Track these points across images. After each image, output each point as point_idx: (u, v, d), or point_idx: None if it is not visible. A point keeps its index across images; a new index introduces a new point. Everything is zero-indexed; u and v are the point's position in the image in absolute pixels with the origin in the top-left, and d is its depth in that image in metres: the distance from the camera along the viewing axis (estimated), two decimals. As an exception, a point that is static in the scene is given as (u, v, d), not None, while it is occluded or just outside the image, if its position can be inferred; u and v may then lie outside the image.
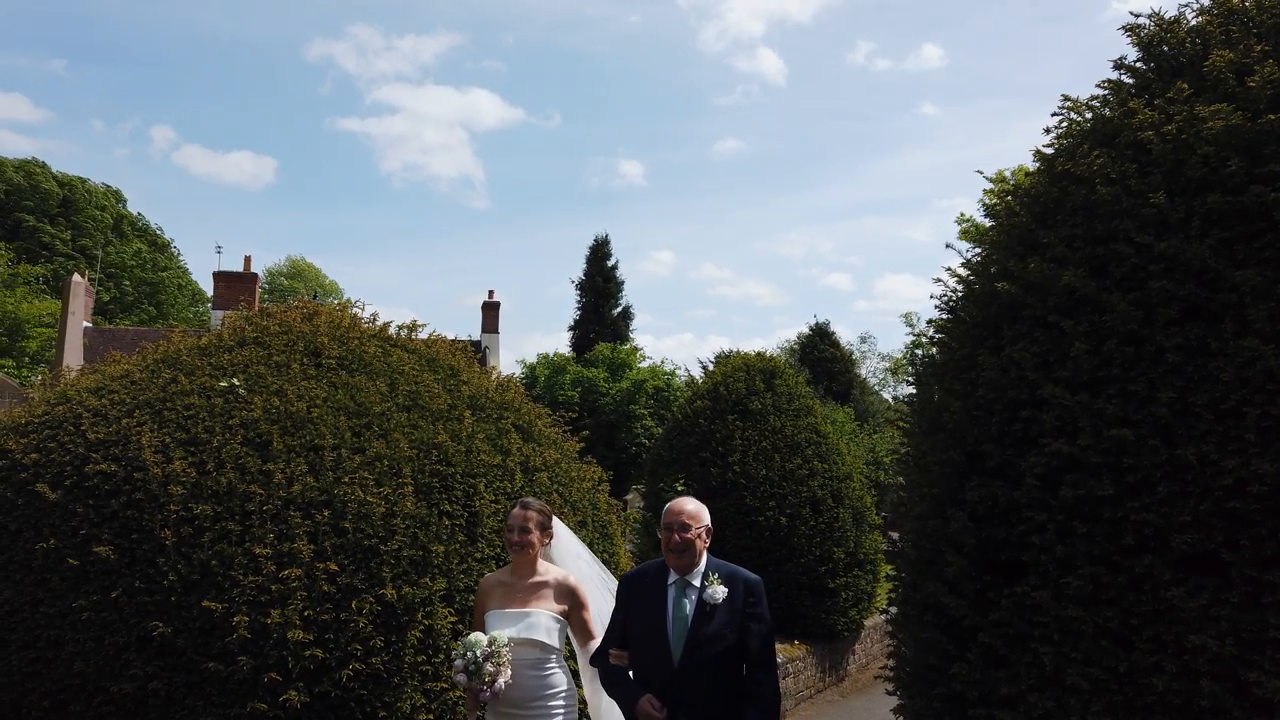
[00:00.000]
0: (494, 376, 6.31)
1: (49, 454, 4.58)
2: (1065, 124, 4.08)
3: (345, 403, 4.95)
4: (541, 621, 4.12)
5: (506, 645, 3.96)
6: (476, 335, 38.29)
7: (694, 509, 3.85)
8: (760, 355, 13.53)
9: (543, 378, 36.51)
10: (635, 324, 43.72)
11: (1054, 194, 3.78)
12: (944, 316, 4.21)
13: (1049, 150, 4.04)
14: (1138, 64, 3.94)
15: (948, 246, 4.03)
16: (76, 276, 19.35)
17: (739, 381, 12.83)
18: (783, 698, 11.12)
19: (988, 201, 4.13)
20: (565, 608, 4.23)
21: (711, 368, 14.63)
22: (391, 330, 6.03)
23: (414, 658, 4.55)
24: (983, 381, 3.56)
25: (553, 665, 4.20)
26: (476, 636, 3.95)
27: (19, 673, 4.31)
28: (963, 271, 4.14)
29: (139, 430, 4.55)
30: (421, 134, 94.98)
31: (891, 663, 4.18)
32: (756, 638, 3.71)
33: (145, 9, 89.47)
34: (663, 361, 37.30)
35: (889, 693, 4.05)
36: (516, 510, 4.24)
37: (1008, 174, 16.15)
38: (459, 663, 3.93)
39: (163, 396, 4.78)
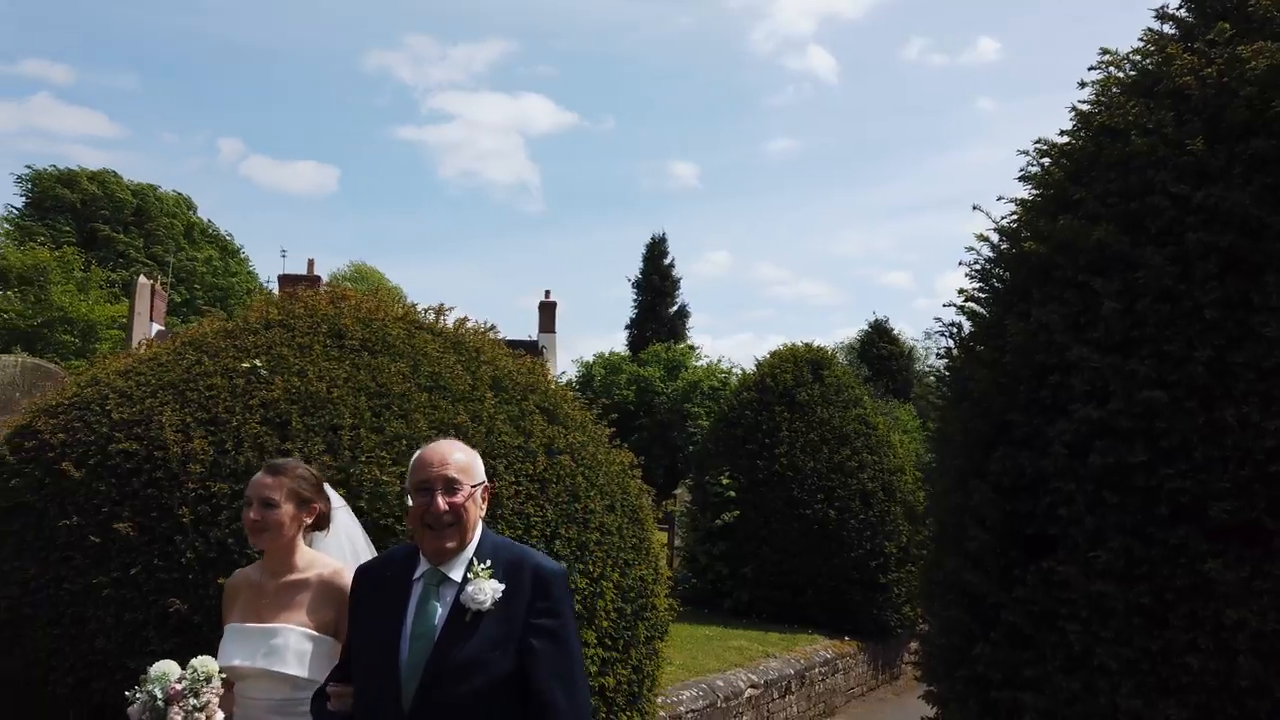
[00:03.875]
0: (551, 378, 6.27)
1: (75, 434, 4.64)
2: (1104, 78, 3.86)
3: (366, 383, 4.93)
4: (290, 643, 2.82)
5: (212, 681, 2.72)
6: (534, 335, 38.55)
7: (463, 458, 2.47)
8: (808, 346, 13.29)
9: (599, 377, 36.58)
10: (692, 323, 43.51)
11: (1089, 149, 3.57)
12: (975, 284, 4.01)
13: (1085, 106, 3.81)
14: (1179, 10, 3.70)
15: (975, 209, 3.82)
16: (142, 279, 19.97)
17: (786, 373, 12.62)
18: (835, 694, 11.03)
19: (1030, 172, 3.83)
20: (331, 617, 2.89)
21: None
22: (429, 315, 6.02)
23: (432, 639, 4.50)
24: (1010, 347, 3.36)
25: (306, 708, 2.81)
26: (162, 667, 2.72)
27: (44, 649, 4.36)
28: (994, 236, 3.94)
29: (161, 410, 4.59)
30: (476, 140, 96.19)
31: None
32: (546, 665, 2.32)
33: (213, 25, 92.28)
34: (719, 360, 37.08)
35: (916, 678, 3.85)
36: (259, 475, 2.97)
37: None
38: (133, 708, 2.70)
39: (186, 378, 4.82)
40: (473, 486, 2.44)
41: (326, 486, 3.19)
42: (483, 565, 2.37)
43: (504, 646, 2.31)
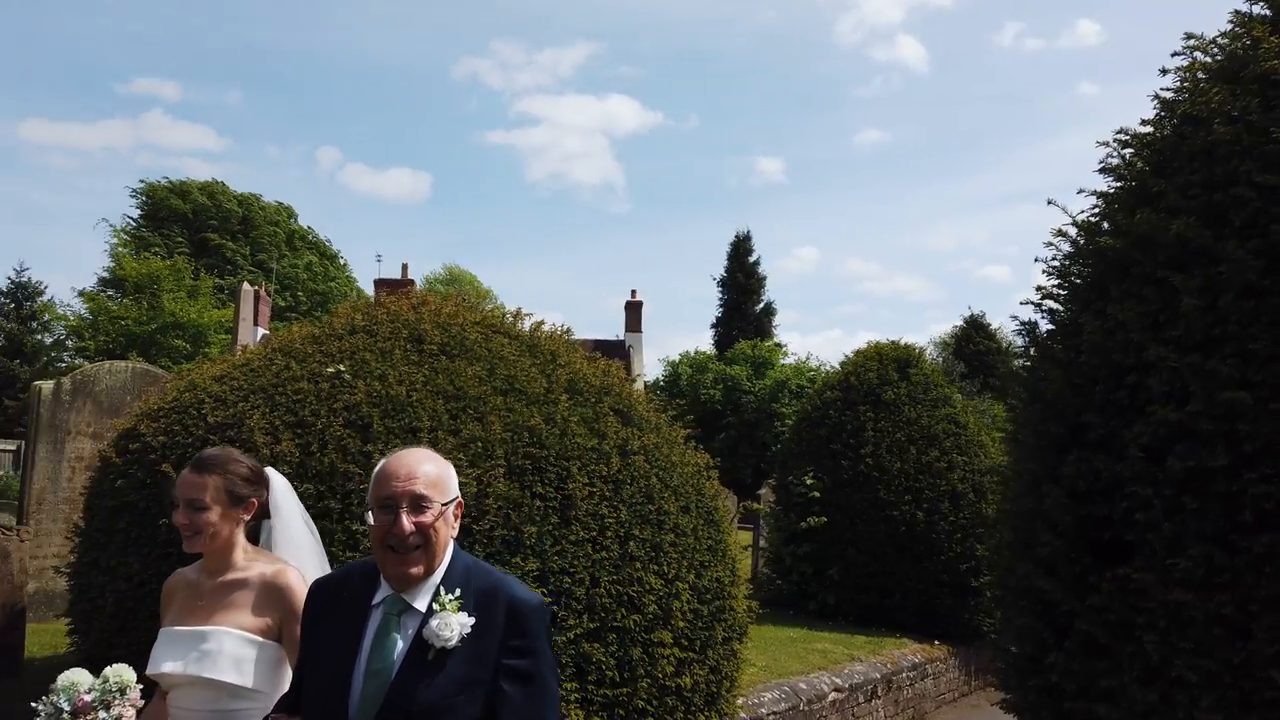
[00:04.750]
0: (638, 385, 6.34)
1: (174, 436, 4.91)
2: (1188, 64, 3.68)
3: (444, 386, 5.07)
4: (224, 647, 2.57)
5: (126, 692, 2.52)
6: (621, 335, 38.82)
7: (433, 471, 2.17)
8: (894, 344, 13.03)
9: (685, 376, 36.61)
10: (779, 321, 43.23)
11: (1171, 139, 3.42)
12: (1053, 281, 3.88)
13: (1168, 94, 3.65)
14: (1271, -10, 3.51)
15: (1050, 203, 3.69)
16: (246, 285, 20.91)
17: (870, 371, 12.41)
18: (924, 699, 10.80)
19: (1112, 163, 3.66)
20: (270, 620, 2.65)
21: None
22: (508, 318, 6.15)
23: (507, 636, 4.60)
24: (1086, 346, 3.25)
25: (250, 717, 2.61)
26: (71, 676, 2.50)
27: (148, 640, 4.62)
28: (1072, 231, 3.81)
29: (251, 413, 4.81)
30: (563, 142, 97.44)
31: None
32: (516, 712, 2.04)
33: (311, 39, 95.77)
34: (807, 358, 36.66)
35: (994, 687, 3.76)
36: (185, 473, 2.72)
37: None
38: (42, 713, 2.49)
39: (275, 382, 5.04)
40: (444, 504, 2.14)
41: (270, 471, 2.95)
42: (450, 595, 2.07)
43: (471, 690, 2.00)
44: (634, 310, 38.71)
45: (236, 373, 5.26)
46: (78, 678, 2.50)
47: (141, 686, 2.58)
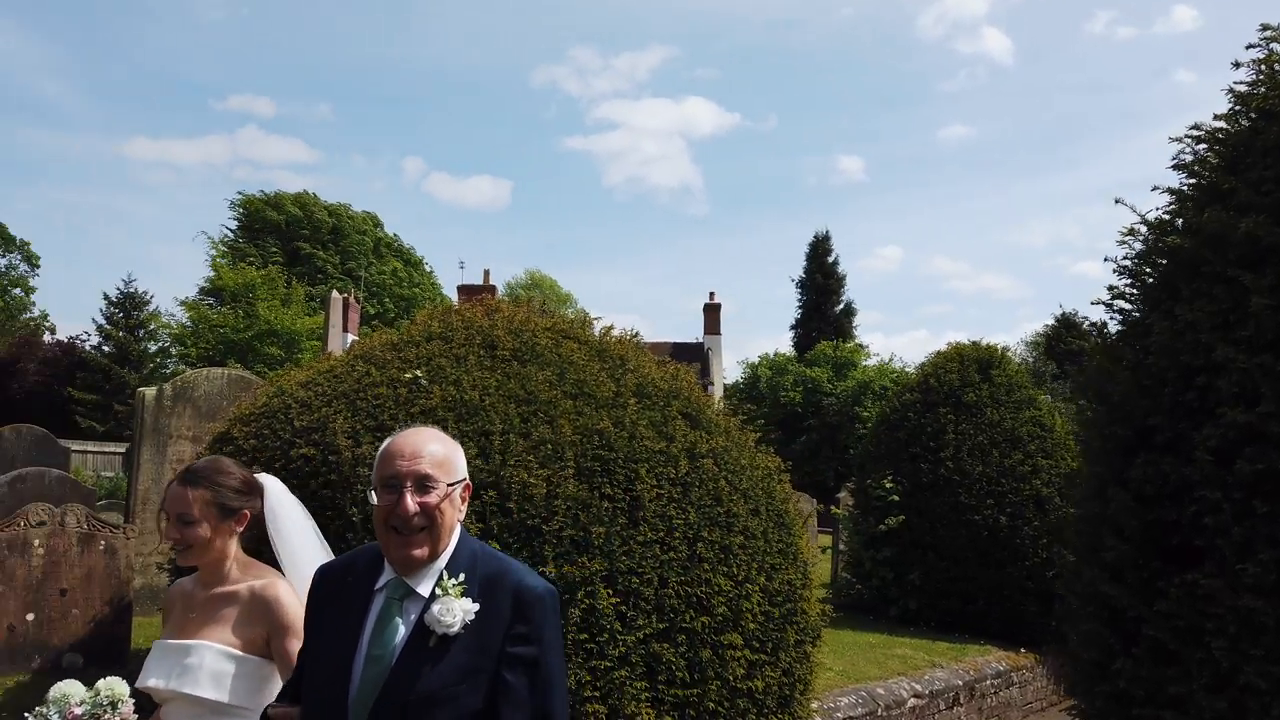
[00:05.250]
0: (716, 399, 6.43)
1: (264, 440, 5.17)
2: (1264, 56, 3.57)
3: (515, 391, 5.21)
4: (205, 662, 2.51)
5: (118, 705, 2.51)
6: (699, 337, 38.83)
7: (439, 451, 2.11)
8: (975, 344, 12.78)
9: (765, 378, 36.42)
10: (861, 322, 42.79)
11: (1244, 135, 3.32)
12: (1124, 281, 3.80)
13: (1243, 87, 3.54)
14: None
15: (1118, 202, 3.61)
16: (335, 293, 21.67)
17: (951, 373, 12.19)
18: (1009, 708, 10.55)
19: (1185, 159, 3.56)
20: (260, 634, 2.61)
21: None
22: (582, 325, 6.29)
23: (577, 635, 4.70)
24: (1154, 347, 3.19)
25: None
26: (63, 688, 2.49)
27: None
28: (1142, 229, 3.72)
29: (335, 418, 5.04)
30: (641, 146, 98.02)
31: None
32: (520, 702, 1.97)
33: (396, 53, 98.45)
34: (890, 359, 36.09)
35: (1063, 693, 3.70)
36: (174, 486, 2.67)
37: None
38: None
39: (356, 388, 5.26)
40: (449, 485, 2.07)
41: (265, 477, 2.89)
42: (454, 580, 2.00)
43: (474, 678, 1.93)
44: (712, 312, 38.69)
45: (321, 379, 5.51)
46: (70, 690, 2.48)
47: (134, 700, 2.53)
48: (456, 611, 1.96)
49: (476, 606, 1.97)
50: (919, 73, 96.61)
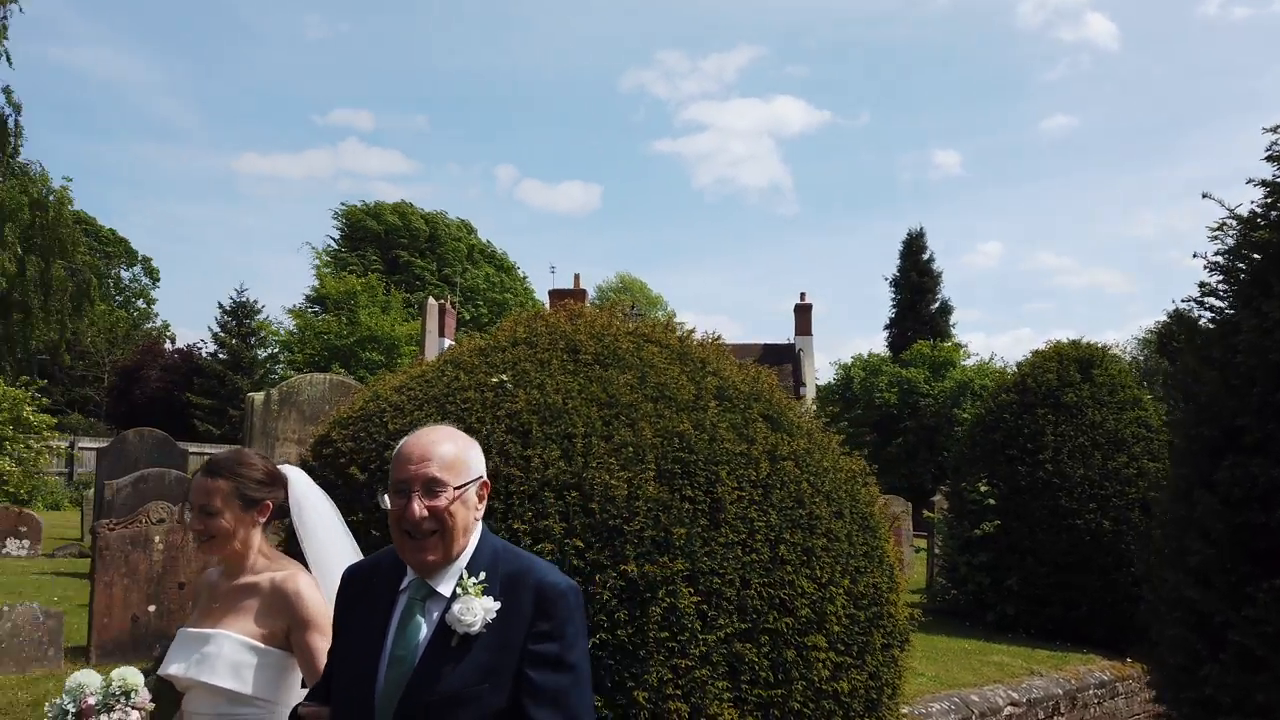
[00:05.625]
0: (808, 401, 6.44)
1: (360, 442, 5.41)
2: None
3: (597, 394, 5.34)
4: (223, 651, 2.53)
5: (131, 695, 2.50)
6: (791, 338, 38.51)
7: (450, 452, 2.09)
8: (1075, 343, 12.37)
9: (858, 379, 35.88)
10: (959, 320, 41.76)
11: (1347, 121, 3.18)
12: (1215, 278, 3.67)
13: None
14: None
15: (1205, 196, 3.48)
16: (431, 299, 22.36)
17: (1049, 372, 11.83)
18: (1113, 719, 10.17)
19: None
20: (280, 627, 2.61)
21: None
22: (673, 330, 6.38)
23: (658, 633, 4.79)
24: (1242, 346, 3.09)
25: None
26: (79, 678, 2.52)
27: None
28: (1233, 223, 3.59)
29: (425, 421, 5.24)
30: (730, 147, 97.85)
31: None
32: (546, 701, 1.94)
33: (488, 64, 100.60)
34: (990, 358, 35.11)
35: (1150, 700, 3.61)
36: (197, 477, 2.71)
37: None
38: (48, 715, 2.53)
39: (446, 392, 5.46)
40: (458, 487, 2.04)
41: (289, 470, 2.88)
42: (474, 579, 1.99)
43: (496, 677, 1.91)
44: (803, 313, 38.31)
45: (413, 384, 5.74)
46: (85, 680, 2.52)
47: (149, 691, 2.55)
48: (477, 611, 1.95)
49: (498, 605, 1.96)
50: (1018, 62, 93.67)
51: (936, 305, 40.15)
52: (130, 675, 2.52)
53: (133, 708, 2.48)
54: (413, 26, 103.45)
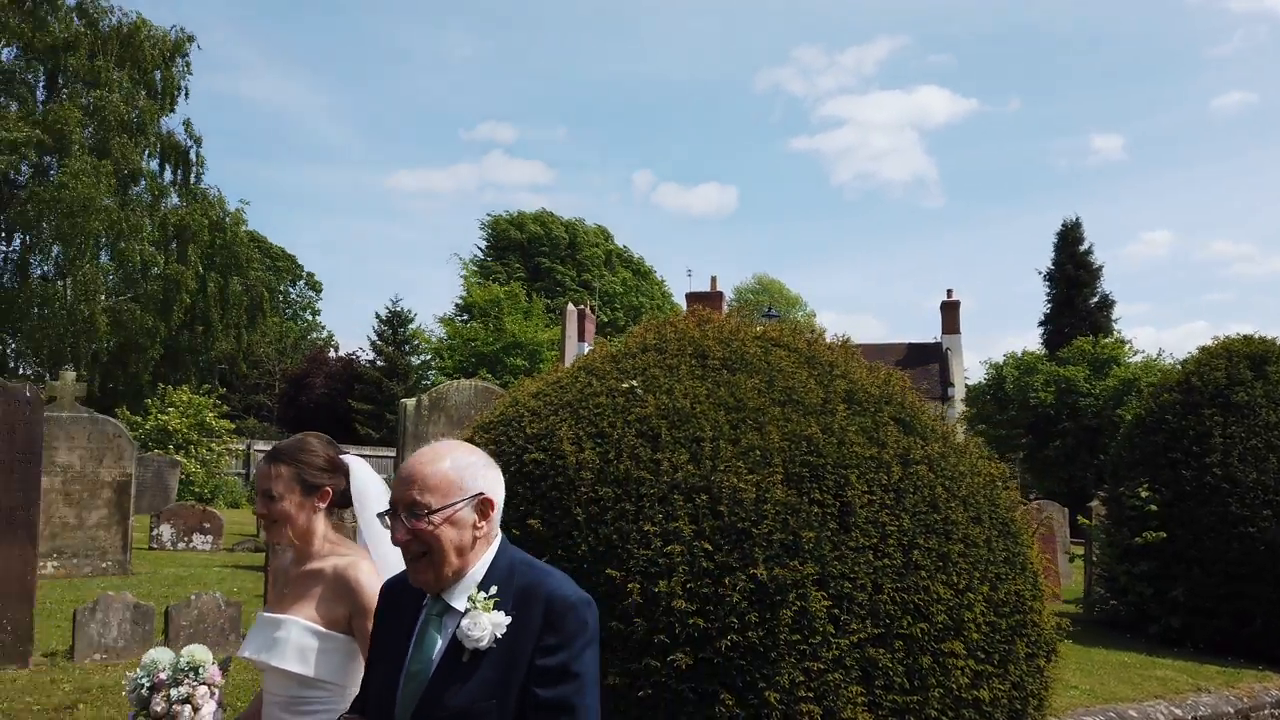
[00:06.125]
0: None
1: (501, 445, 5.69)
2: None
3: (725, 399, 5.42)
4: (291, 636, 2.58)
5: (199, 671, 2.57)
6: (938, 337, 37.31)
7: (435, 474, 2.03)
8: (1247, 338, 11.51)
9: (1011, 379, 34.37)
10: (1123, 315, 39.44)
11: None
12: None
13: None
14: None
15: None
16: (570, 305, 23.00)
17: (1217, 370, 11.05)
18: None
19: None
20: (342, 613, 2.64)
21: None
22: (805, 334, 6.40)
23: (789, 636, 4.82)
24: None
25: (320, 709, 2.57)
26: (154, 654, 2.62)
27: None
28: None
29: (560, 425, 5.47)
30: (870, 141, 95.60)
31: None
32: (544, 715, 1.91)
33: (624, 71, 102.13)
34: (1158, 354, 32.95)
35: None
36: (260, 464, 2.79)
37: None
38: (126, 689, 2.62)
39: (579, 397, 5.67)
40: (445, 507, 1.98)
41: (351, 459, 2.89)
42: (485, 595, 1.97)
43: (503, 693, 1.89)
44: (951, 310, 37.05)
45: (549, 389, 5.99)
46: (159, 656, 2.60)
47: (217, 666, 2.64)
48: (485, 626, 1.92)
49: (508, 620, 1.93)
50: (1185, 38, 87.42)
51: (1096, 299, 37.99)
52: (199, 652, 2.61)
53: (201, 683, 2.54)
54: (552, 41, 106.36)
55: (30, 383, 8.11)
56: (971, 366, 38.11)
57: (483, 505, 2.05)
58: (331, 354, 42.52)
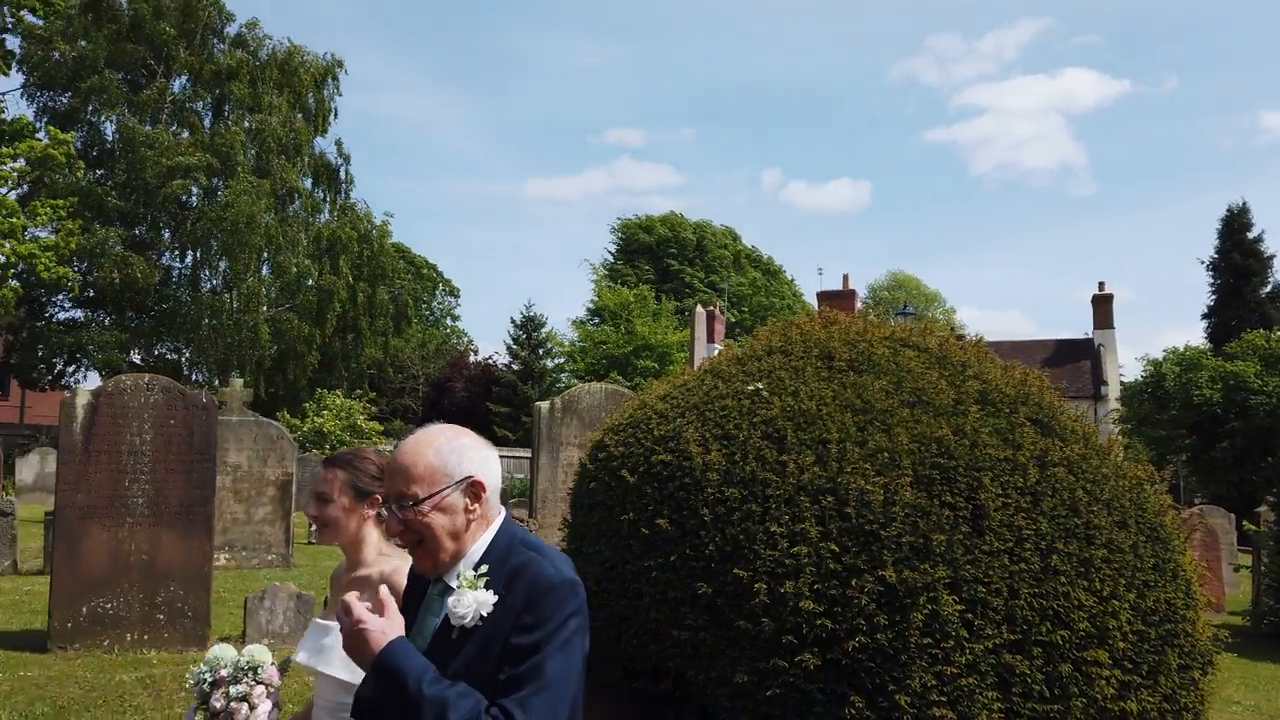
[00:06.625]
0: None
1: (630, 447, 5.86)
2: None
3: (851, 400, 5.41)
4: (338, 643, 2.48)
5: (258, 671, 2.63)
6: (1089, 332, 35.50)
7: (419, 463, 2.02)
8: None
9: (1172, 375, 32.28)
10: (1299, 304, 36.35)
11: None
12: None
13: None
14: None
15: None
16: (699, 307, 23.11)
17: (1404, 364, 10.12)
18: None
19: None
20: None
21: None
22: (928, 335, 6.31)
23: (920, 639, 4.78)
24: None
25: None
26: (217, 651, 2.68)
27: (616, 615, 5.59)
28: None
29: (687, 427, 5.58)
30: (1011, 129, 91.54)
31: None
32: (508, 688, 1.84)
33: (751, 69, 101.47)
34: (1344, 347, 30.30)
35: None
36: (317, 469, 2.88)
37: None
38: (190, 683, 2.69)
39: (705, 400, 5.77)
40: (428, 498, 1.98)
41: None
42: (473, 572, 1.97)
43: (480, 672, 1.87)
44: (1103, 304, 35.23)
45: (676, 392, 6.12)
46: (222, 653, 2.65)
47: (275, 667, 2.68)
48: (470, 604, 1.92)
49: (494, 598, 1.92)
50: (1369, -2, 79.59)
51: (1268, 289, 35.23)
52: (259, 653, 2.67)
53: (258, 682, 2.60)
54: (678, 44, 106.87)
55: (205, 389, 8.85)
56: (1127, 363, 36.05)
57: (473, 488, 2.03)
58: (471, 358, 44.12)
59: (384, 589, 1.98)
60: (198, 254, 31.70)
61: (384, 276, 33.89)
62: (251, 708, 2.57)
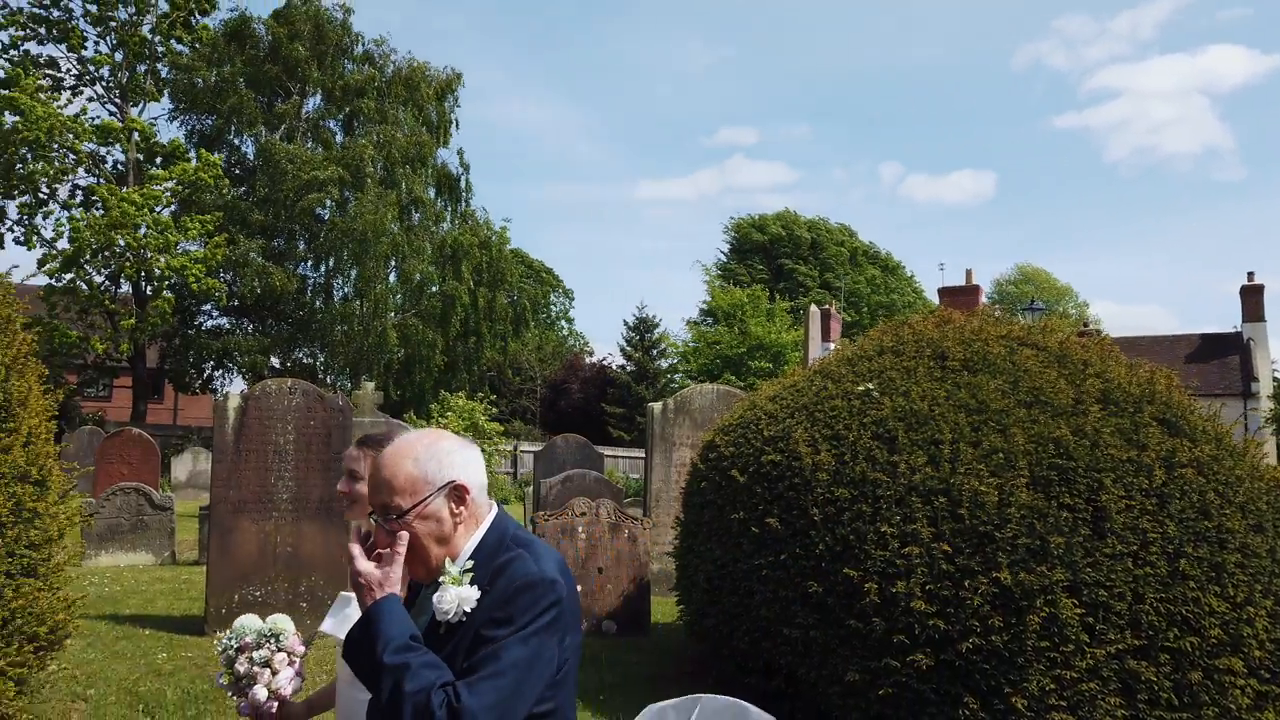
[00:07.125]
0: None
1: (740, 447, 5.96)
2: None
3: (965, 400, 5.36)
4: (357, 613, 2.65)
5: (280, 638, 2.72)
6: (1237, 326, 33.44)
7: (396, 476, 2.02)
8: None
9: (1332, 370, 30.09)
10: None
11: None
12: None
13: None
14: None
15: None
16: (813, 306, 22.86)
17: None
18: None
19: None
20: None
21: None
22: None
23: (1037, 642, 4.71)
24: None
25: None
26: (244, 620, 2.78)
27: (728, 613, 5.71)
28: None
29: (796, 428, 5.64)
30: (1149, 112, 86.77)
31: None
32: (465, 674, 1.84)
33: (867, 62, 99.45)
34: None
35: None
36: (349, 448, 2.96)
37: None
38: (217, 649, 2.77)
39: (815, 400, 5.81)
40: (411, 509, 1.99)
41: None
42: (458, 568, 1.98)
43: (454, 664, 1.89)
44: (1253, 295, 33.10)
45: (785, 393, 6.18)
46: (248, 622, 2.73)
47: (298, 636, 2.74)
48: (452, 599, 1.94)
49: (476, 594, 1.94)
50: None
51: None
52: (282, 621, 2.74)
53: (280, 649, 2.67)
54: (789, 40, 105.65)
55: (340, 392, 9.42)
56: (1279, 358, 33.72)
57: (456, 491, 2.03)
58: (586, 360, 44.85)
59: (405, 535, 1.98)
60: (330, 263, 33.34)
61: (503, 281, 34.87)
62: (274, 672, 2.64)
